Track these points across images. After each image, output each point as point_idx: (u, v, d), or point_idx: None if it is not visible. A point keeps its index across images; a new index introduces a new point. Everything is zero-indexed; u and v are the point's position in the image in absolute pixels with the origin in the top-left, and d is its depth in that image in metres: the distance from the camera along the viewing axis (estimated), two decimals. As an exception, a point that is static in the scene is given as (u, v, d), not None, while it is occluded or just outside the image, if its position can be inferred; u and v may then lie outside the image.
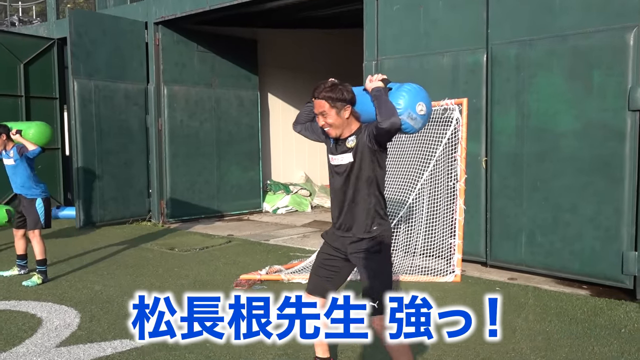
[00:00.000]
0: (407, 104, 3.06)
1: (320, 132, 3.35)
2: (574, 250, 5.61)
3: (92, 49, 9.26)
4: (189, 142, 10.19)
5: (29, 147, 5.82)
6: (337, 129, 3.08)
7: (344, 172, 3.14)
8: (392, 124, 2.87)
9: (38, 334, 4.30)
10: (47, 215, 6.00)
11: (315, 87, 3.10)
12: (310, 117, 3.41)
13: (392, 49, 6.94)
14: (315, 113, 3.11)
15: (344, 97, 3.04)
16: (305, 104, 3.41)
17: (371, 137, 3.02)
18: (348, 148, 3.11)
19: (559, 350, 3.94)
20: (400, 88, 3.12)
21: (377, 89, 3.03)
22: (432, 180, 6.30)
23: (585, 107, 5.46)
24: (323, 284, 3.32)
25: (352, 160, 3.09)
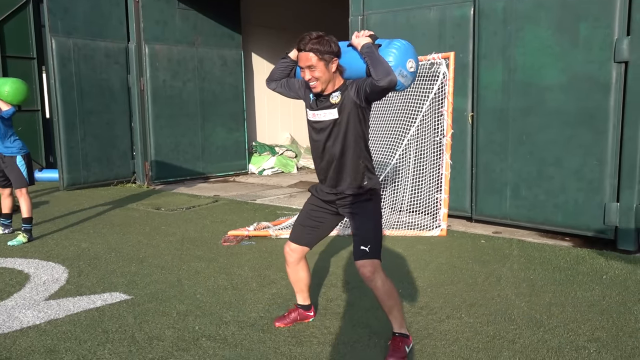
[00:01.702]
0: (398, 61, 3.01)
1: (297, 87, 3.26)
2: (558, 202, 5.70)
3: (69, 5, 8.98)
4: (172, 102, 10.04)
5: (2, 107, 5.63)
6: (324, 83, 2.99)
7: (326, 128, 3.06)
8: (389, 82, 2.81)
9: (26, 289, 4.29)
10: (29, 171, 5.89)
11: (300, 39, 2.98)
12: (285, 73, 3.31)
13: (378, 3, 6.83)
14: (301, 66, 2.99)
15: (332, 49, 2.95)
16: (280, 59, 3.31)
17: (361, 93, 2.94)
18: (332, 104, 3.02)
19: (542, 295, 4.04)
20: (390, 45, 3.06)
21: (368, 45, 2.95)
22: (418, 136, 6.31)
23: (571, 60, 5.46)
24: (307, 234, 3.34)
25: (337, 117, 3.02)
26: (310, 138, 3.20)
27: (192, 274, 4.63)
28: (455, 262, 4.92)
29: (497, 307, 3.81)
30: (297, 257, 3.39)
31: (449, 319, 3.63)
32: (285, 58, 3.31)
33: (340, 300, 3.97)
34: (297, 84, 3.28)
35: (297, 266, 3.42)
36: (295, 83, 3.29)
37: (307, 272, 3.48)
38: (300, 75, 3.08)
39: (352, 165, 3.08)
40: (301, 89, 3.24)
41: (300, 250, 3.38)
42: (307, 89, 3.16)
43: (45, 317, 3.71)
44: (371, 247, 3.04)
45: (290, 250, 3.39)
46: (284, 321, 3.54)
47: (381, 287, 3.03)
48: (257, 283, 4.39)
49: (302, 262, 3.43)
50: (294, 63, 3.29)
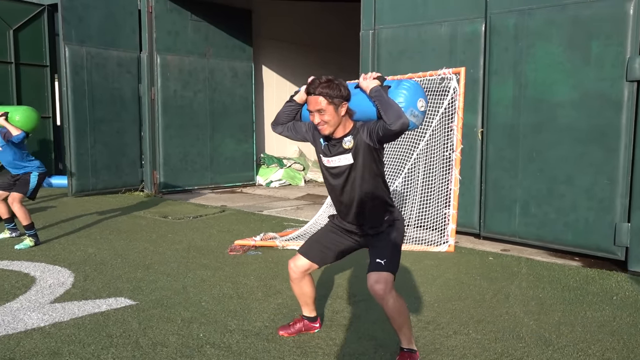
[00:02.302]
0: (409, 102, 3.01)
1: (304, 131, 3.24)
2: (568, 221, 5.65)
3: (84, 14, 9.09)
4: (182, 112, 10.09)
5: (12, 132, 5.70)
6: (333, 127, 2.97)
7: (343, 173, 3.05)
8: (402, 125, 2.80)
9: (32, 291, 4.28)
10: (36, 188, 5.95)
11: (310, 83, 2.97)
12: (291, 117, 3.29)
13: (389, 17, 6.87)
14: (310, 110, 2.98)
15: (341, 93, 2.93)
16: (286, 103, 3.30)
17: (374, 136, 2.92)
18: (345, 149, 3.00)
19: (552, 314, 3.98)
20: (399, 86, 3.07)
21: (376, 88, 2.94)
22: (427, 150, 6.29)
23: (583, 77, 5.45)
24: (320, 251, 3.28)
25: (352, 162, 3.01)
26: (326, 182, 3.19)
27: (197, 282, 4.61)
28: (463, 278, 4.86)
29: (505, 325, 3.76)
30: (300, 273, 3.33)
31: (456, 334, 3.58)
32: (290, 101, 3.29)
33: (346, 312, 3.93)
34: (304, 127, 3.26)
35: (300, 282, 3.38)
36: (302, 126, 3.27)
37: (311, 286, 3.43)
38: (310, 119, 3.06)
39: (372, 205, 3.08)
40: (309, 132, 3.22)
41: (307, 267, 3.31)
42: (315, 132, 3.14)
43: (50, 319, 3.69)
44: (387, 262, 3.00)
45: (295, 267, 3.33)
46: (288, 330, 3.51)
47: (392, 305, 2.97)
48: (262, 293, 4.35)
49: (306, 277, 3.38)
50: (299, 106, 3.28)
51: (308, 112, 3.04)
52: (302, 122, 3.30)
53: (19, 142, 5.76)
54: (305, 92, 3.02)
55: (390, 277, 2.99)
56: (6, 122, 5.76)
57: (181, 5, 9.96)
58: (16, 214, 5.80)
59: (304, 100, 3.17)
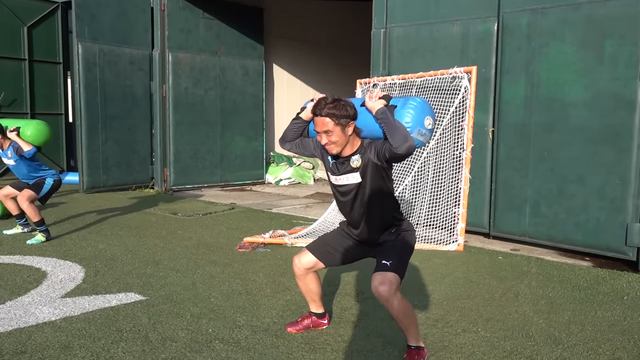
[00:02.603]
0: (416, 121, 3.00)
1: (312, 148, 3.26)
2: (579, 221, 5.61)
3: (97, 11, 9.16)
4: (193, 110, 10.14)
5: (24, 147, 5.76)
6: (340, 146, 2.98)
7: (351, 192, 3.07)
8: (408, 149, 2.80)
9: (43, 286, 4.32)
10: (49, 192, 6.02)
11: (316, 104, 2.97)
12: (298, 134, 3.30)
13: (401, 16, 6.85)
14: (317, 131, 2.98)
15: (348, 113, 2.92)
16: (292, 120, 3.31)
17: (381, 157, 2.93)
18: (353, 168, 3.02)
19: (561, 313, 3.96)
20: (406, 105, 3.04)
21: (382, 110, 2.92)
22: (438, 149, 6.27)
23: (596, 76, 5.40)
24: (328, 252, 3.30)
25: (360, 180, 3.02)
26: (336, 198, 3.22)
27: (206, 278, 4.63)
28: (472, 277, 4.85)
29: (515, 323, 3.74)
30: (304, 270, 3.34)
31: (465, 332, 3.57)
32: (297, 119, 3.30)
33: (354, 309, 3.93)
34: (312, 143, 3.27)
35: (305, 278, 3.39)
36: (310, 143, 3.28)
37: (316, 283, 3.44)
38: (317, 139, 3.07)
39: (381, 221, 3.10)
40: (317, 149, 3.24)
41: (311, 265, 3.32)
42: (324, 149, 3.15)
43: (61, 314, 3.72)
44: (392, 263, 2.99)
45: (299, 263, 3.34)
46: (296, 327, 3.51)
47: (397, 307, 2.96)
48: (271, 289, 4.37)
49: (311, 274, 3.38)
50: (306, 123, 3.28)
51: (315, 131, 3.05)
52: (310, 138, 3.32)
53: (30, 157, 5.83)
54: (312, 113, 3.01)
55: (396, 278, 2.96)
56: (18, 137, 5.82)
57: (193, 3, 10.01)
58: (25, 211, 5.85)
59: (310, 118, 3.17)
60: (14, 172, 6.07)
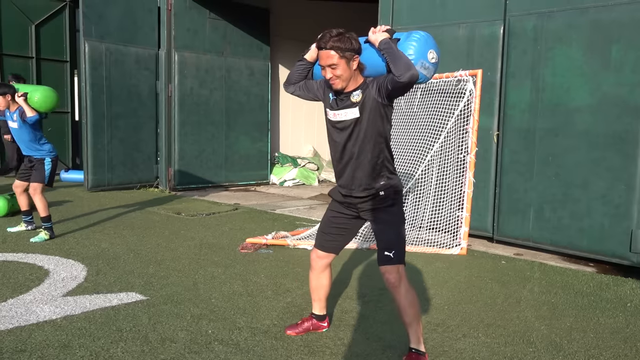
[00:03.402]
0: (419, 53, 2.94)
1: (315, 89, 3.23)
2: (583, 226, 5.57)
3: (104, 10, 9.19)
4: (198, 110, 10.15)
5: (27, 113, 5.77)
6: (345, 81, 2.94)
7: (347, 128, 3.01)
8: (411, 77, 2.76)
9: (45, 284, 4.33)
10: (51, 174, 6.02)
11: (320, 37, 2.93)
12: (303, 75, 3.27)
13: (407, 19, 6.83)
14: (321, 65, 2.95)
15: (353, 46, 2.90)
16: (297, 62, 3.28)
17: (382, 91, 2.89)
18: (353, 102, 2.97)
19: (563, 319, 3.93)
20: (409, 37, 2.99)
21: (385, 41, 2.89)
22: (442, 152, 6.25)
23: (602, 81, 5.37)
24: (330, 241, 3.32)
25: (358, 116, 2.97)
26: (330, 138, 3.15)
27: (208, 279, 4.63)
28: (474, 282, 4.83)
29: (516, 329, 3.72)
30: (323, 264, 3.36)
31: (465, 337, 3.55)
32: (301, 60, 3.27)
33: (355, 313, 3.92)
34: (315, 85, 3.24)
35: (321, 273, 3.40)
36: (314, 84, 3.25)
37: (329, 280, 3.45)
38: (321, 74, 3.02)
39: (372, 166, 3.02)
40: (320, 89, 3.20)
41: (327, 257, 3.35)
42: (326, 88, 3.12)
43: (62, 312, 3.73)
44: (395, 253, 3.01)
45: (317, 257, 3.36)
46: (296, 329, 3.51)
47: (404, 295, 3.00)
48: (272, 291, 4.36)
49: (327, 270, 3.40)
50: (310, 65, 3.26)
51: (320, 69, 3.01)
52: (314, 80, 3.29)
53: (33, 123, 5.84)
54: (316, 46, 2.98)
55: (402, 267, 3.03)
56: (24, 102, 5.84)
57: (200, 4, 10.02)
58: (36, 204, 5.88)
59: (314, 59, 3.14)
60: (15, 138, 6.05)
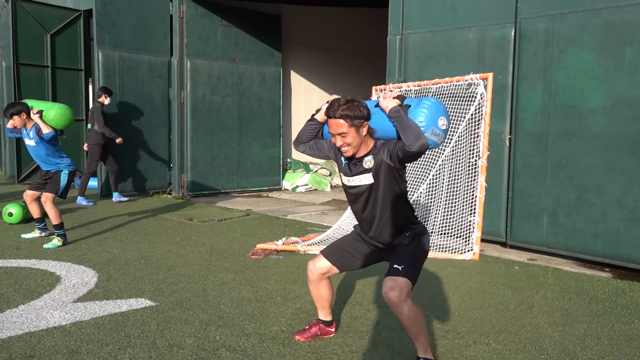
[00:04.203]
0: (429, 121, 2.96)
1: (326, 149, 3.26)
2: (598, 231, 5.48)
3: (117, 19, 9.29)
4: (210, 116, 10.20)
5: (43, 129, 5.83)
6: (355, 148, 2.97)
7: (364, 193, 3.05)
8: (421, 146, 2.77)
9: (56, 290, 4.36)
10: (66, 187, 6.09)
11: (329, 106, 2.96)
12: (313, 135, 3.29)
13: (417, 22, 6.81)
14: (331, 133, 2.98)
15: (362, 114, 2.91)
16: (307, 122, 3.30)
17: (394, 157, 2.91)
18: (366, 169, 3.00)
19: (577, 325, 3.86)
20: (420, 105, 3.01)
21: (395, 109, 2.91)
22: (453, 156, 6.20)
23: (616, 83, 5.29)
24: (342, 257, 3.29)
25: (373, 182, 3.00)
26: (349, 200, 3.20)
27: (217, 285, 4.63)
28: (487, 287, 4.76)
29: (528, 336, 3.66)
30: (319, 275, 3.34)
31: (475, 344, 3.50)
32: (312, 120, 3.29)
33: (364, 319, 3.89)
34: (326, 145, 3.27)
35: (318, 284, 3.38)
36: (325, 145, 3.28)
37: (329, 290, 3.42)
38: (332, 141, 3.06)
39: (394, 223, 3.07)
40: (331, 151, 3.23)
41: (326, 270, 3.31)
42: (338, 151, 3.14)
43: (71, 318, 3.75)
44: (404, 268, 2.96)
45: (314, 268, 3.34)
46: (304, 335, 3.48)
47: (407, 314, 2.92)
48: (281, 297, 4.34)
49: (325, 280, 3.37)
50: (320, 125, 3.27)
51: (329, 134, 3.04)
52: (324, 140, 3.31)
53: (49, 139, 5.90)
54: (325, 115, 3.01)
55: (407, 283, 2.93)
56: (40, 119, 5.92)
57: (212, 11, 10.09)
58: (48, 213, 5.94)
59: (325, 120, 3.16)
60: (32, 155, 6.12)
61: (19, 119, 5.90)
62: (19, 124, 5.92)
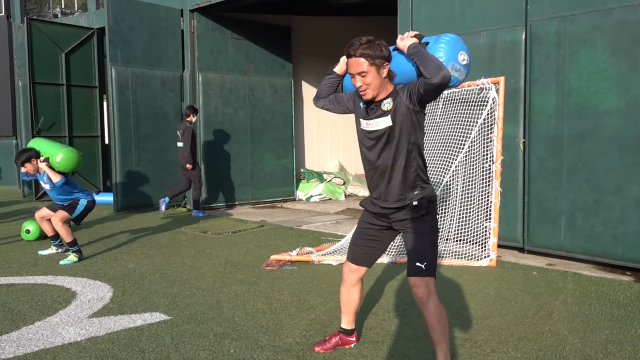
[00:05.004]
0: (449, 56, 2.90)
1: (345, 101, 3.19)
2: (617, 234, 5.37)
3: (129, 36, 9.41)
4: (223, 129, 10.25)
5: (53, 179, 5.88)
6: (375, 90, 2.89)
7: (381, 137, 2.95)
8: (443, 78, 2.68)
9: (72, 306, 4.38)
10: (82, 213, 6.15)
11: (350, 45, 2.88)
12: (332, 89, 3.25)
13: (426, 29, 6.76)
14: (351, 73, 2.90)
15: (383, 53, 2.84)
16: (326, 76, 3.26)
17: (414, 96, 2.82)
18: (384, 111, 2.91)
19: (598, 332, 3.77)
20: (438, 40, 2.96)
21: (414, 45, 2.86)
22: (466, 163, 6.13)
23: (630, 83, 5.20)
24: (363, 254, 3.25)
25: (391, 124, 2.91)
26: (362, 149, 3.09)
27: (232, 297, 4.61)
28: (504, 294, 4.68)
29: (548, 343, 3.58)
30: (355, 278, 3.30)
31: (494, 352, 3.43)
32: (331, 74, 3.25)
33: (379, 329, 3.84)
34: (345, 97, 3.21)
35: (352, 287, 3.34)
36: (344, 97, 3.22)
37: (360, 294, 3.39)
38: (351, 82, 2.98)
39: (406, 175, 2.96)
40: (350, 101, 3.17)
41: (359, 271, 3.28)
42: (357, 98, 3.08)
43: (87, 334, 3.76)
44: (427, 265, 2.92)
45: (350, 271, 3.30)
46: (324, 346, 3.44)
47: (433, 311, 2.90)
48: (295, 308, 4.31)
49: (359, 284, 3.34)
50: (340, 77, 3.24)
51: (350, 78, 2.97)
52: (343, 93, 3.25)
53: (60, 186, 5.97)
54: (346, 55, 2.94)
55: (432, 281, 2.93)
56: (47, 168, 5.92)
57: (222, 24, 10.17)
58: (59, 232, 5.98)
59: (344, 72, 3.12)
60: (49, 195, 6.24)
61: (31, 166, 5.95)
62: (32, 169, 5.97)
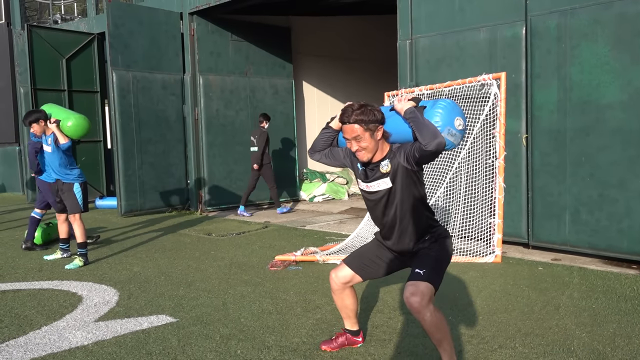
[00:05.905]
0: (445, 121, 2.95)
1: (342, 157, 3.25)
2: (622, 228, 5.36)
3: (130, 40, 9.42)
4: (225, 131, 10.26)
5: (60, 140, 5.92)
6: (371, 152, 2.95)
7: (382, 198, 3.02)
8: (437, 145, 2.75)
9: (78, 310, 4.39)
10: (84, 199, 6.14)
11: (343, 112, 2.96)
12: (328, 143, 3.29)
13: (426, 26, 6.77)
14: (347, 138, 2.97)
15: (376, 117, 2.91)
16: (322, 130, 3.29)
17: (411, 159, 2.89)
18: (383, 173, 2.98)
19: (606, 326, 3.75)
20: (435, 105, 3.01)
21: (411, 110, 2.91)
22: (470, 159, 6.13)
23: (632, 76, 5.19)
24: (365, 265, 3.25)
25: (391, 186, 2.97)
26: (368, 207, 3.17)
27: (237, 298, 4.61)
28: (510, 290, 4.67)
29: (555, 338, 3.57)
30: (341, 284, 3.30)
31: (501, 348, 3.42)
32: (327, 128, 3.29)
33: (386, 327, 3.83)
34: (341, 153, 3.26)
35: (342, 293, 3.34)
36: (340, 152, 3.26)
37: (353, 298, 3.38)
38: (347, 146, 3.05)
39: (415, 228, 3.03)
40: (346, 158, 3.22)
41: (348, 279, 3.27)
42: (353, 157, 3.13)
43: (94, 338, 3.76)
44: (426, 272, 2.90)
45: (336, 277, 3.30)
46: (331, 345, 3.44)
47: (429, 320, 2.85)
48: (301, 308, 4.31)
49: (348, 289, 3.33)
50: (336, 132, 3.27)
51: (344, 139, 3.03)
52: (339, 147, 3.30)
53: (65, 149, 5.99)
54: (340, 121, 3.01)
55: (429, 288, 2.86)
56: (57, 129, 5.98)
57: (222, 27, 10.18)
58: (75, 231, 6.03)
59: (340, 127, 3.16)
60: (46, 162, 6.19)
61: (38, 127, 5.99)
62: (38, 131, 6.01)
